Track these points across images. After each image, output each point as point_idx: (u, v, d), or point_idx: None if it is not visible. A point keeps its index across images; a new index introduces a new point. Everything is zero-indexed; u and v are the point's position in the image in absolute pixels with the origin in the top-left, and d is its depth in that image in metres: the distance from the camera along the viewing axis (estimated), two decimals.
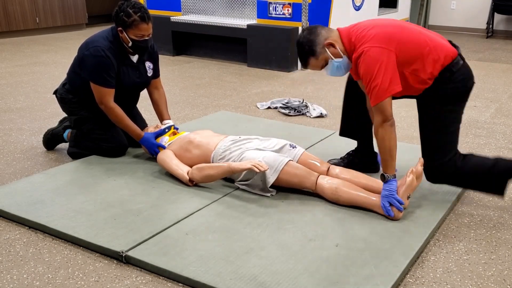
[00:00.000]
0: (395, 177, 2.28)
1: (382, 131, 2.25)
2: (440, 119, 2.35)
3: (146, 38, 2.81)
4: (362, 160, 2.77)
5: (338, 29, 2.38)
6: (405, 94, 2.37)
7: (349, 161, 2.78)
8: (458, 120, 2.39)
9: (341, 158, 2.84)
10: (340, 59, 2.34)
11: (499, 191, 2.34)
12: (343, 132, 2.81)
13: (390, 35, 2.24)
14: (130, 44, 2.80)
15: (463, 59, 2.35)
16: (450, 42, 2.38)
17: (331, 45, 2.32)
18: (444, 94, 2.31)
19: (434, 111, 2.35)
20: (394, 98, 2.33)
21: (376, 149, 2.58)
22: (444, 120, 2.35)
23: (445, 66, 2.28)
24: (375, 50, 2.20)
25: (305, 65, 2.41)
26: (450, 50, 2.31)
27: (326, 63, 2.36)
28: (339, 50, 2.33)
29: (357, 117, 2.69)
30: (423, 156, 2.41)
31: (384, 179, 2.29)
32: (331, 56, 2.33)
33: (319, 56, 2.34)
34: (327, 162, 2.71)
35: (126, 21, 2.73)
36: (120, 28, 2.77)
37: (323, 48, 2.32)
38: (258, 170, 2.38)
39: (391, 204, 2.26)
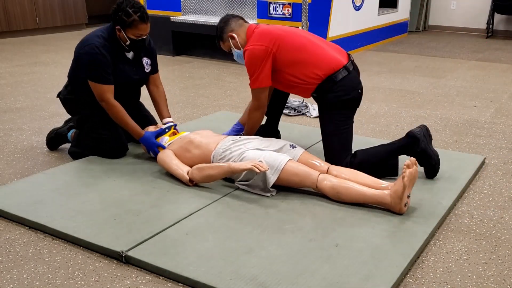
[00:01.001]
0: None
1: (255, 115, 2.81)
2: (331, 123, 2.68)
3: (144, 37, 2.83)
4: (265, 130, 3.13)
5: (248, 25, 2.79)
6: (293, 92, 2.83)
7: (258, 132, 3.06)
8: (346, 125, 2.69)
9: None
10: (238, 51, 2.81)
11: (394, 172, 2.67)
12: None
13: (277, 36, 2.64)
14: (128, 43, 2.80)
15: (349, 71, 2.65)
16: (346, 53, 2.74)
17: (232, 37, 2.77)
18: (330, 101, 2.65)
19: (326, 115, 2.71)
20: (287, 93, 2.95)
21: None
22: (334, 124, 2.67)
23: (327, 75, 2.61)
24: (256, 48, 2.63)
25: (217, 44, 2.88)
26: (335, 61, 2.63)
27: (230, 50, 2.85)
28: (238, 43, 2.77)
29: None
30: (325, 157, 2.72)
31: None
32: (233, 46, 2.81)
33: (225, 43, 2.83)
34: None
35: (125, 20, 2.73)
36: (118, 27, 2.77)
37: (227, 38, 2.79)
38: (258, 171, 2.38)
39: None
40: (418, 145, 2.58)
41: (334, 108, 2.67)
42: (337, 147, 2.68)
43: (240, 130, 3.05)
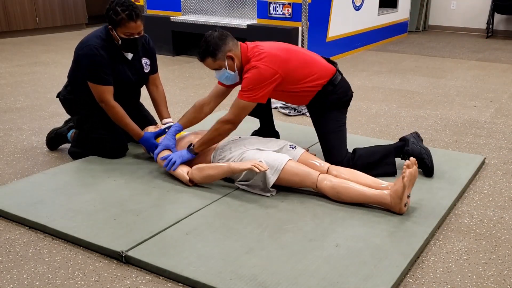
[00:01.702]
0: (194, 154, 2.68)
1: (226, 128, 2.61)
2: (332, 121, 2.73)
3: (136, 36, 2.79)
4: (263, 131, 3.10)
5: (241, 44, 2.67)
6: (295, 103, 2.93)
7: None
8: (341, 123, 2.77)
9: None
10: (232, 73, 2.64)
11: (392, 171, 2.73)
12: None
13: (282, 60, 2.59)
14: (120, 42, 2.79)
15: (341, 74, 2.78)
16: (327, 59, 2.80)
17: (231, 58, 2.61)
18: (330, 103, 2.71)
19: (326, 114, 2.73)
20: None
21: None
22: (335, 121, 2.74)
23: (327, 81, 2.68)
24: (267, 69, 2.54)
25: (201, 60, 2.66)
26: (329, 68, 2.73)
27: (219, 69, 2.65)
28: (235, 65, 2.63)
29: None
30: (324, 156, 2.75)
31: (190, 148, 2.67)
32: (227, 66, 2.63)
33: (217, 61, 2.62)
34: None
35: (114, 19, 2.72)
36: (110, 27, 2.77)
37: (223, 57, 2.60)
38: (258, 171, 2.38)
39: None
40: (408, 144, 2.72)
41: (334, 108, 2.74)
42: (337, 144, 2.73)
43: (180, 130, 2.86)
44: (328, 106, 2.73)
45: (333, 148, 2.73)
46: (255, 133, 3.15)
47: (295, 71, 2.63)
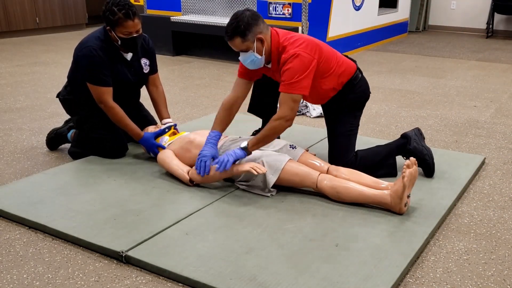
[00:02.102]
0: (248, 154, 2.50)
1: (283, 125, 2.45)
2: (345, 124, 2.68)
3: (135, 35, 2.79)
4: None
5: (271, 29, 2.53)
6: (314, 102, 2.79)
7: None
8: (356, 126, 2.73)
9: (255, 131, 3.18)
10: (259, 56, 2.49)
11: (392, 172, 2.71)
12: (251, 109, 3.08)
13: (317, 46, 2.50)
14: (119, 42, 2.79)
15: (361, 72, 2.71)
16: (347, 57, 2.70)
17: (261, 41, 2.46)
18: (348, 102, 2.66)
19: (341, 116, 2.67)
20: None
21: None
22: (347, 125, 2.68)
23: (349, 78, 2.62)
24: (307, 57, 2.43)
25: (229, 39, 2.48)
26: (351, 65, 2.66)
27: (246, 51, 2.48)
28: (263, 49, 2.47)
29: (265, 97, 2.94)
30: (329, 157, 2.72)
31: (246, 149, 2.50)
32: (255, 49, 2.46)
33: (245, 42, 2.45)
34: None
35: (111, 19, 2.72)
36: (108, 28, 2.77)
37: (253, 38, 2.44)
38: (256, 173, 2.38)
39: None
40: (410, 143, 2.69)
41: (351, 110, 2.69)
42: (345, 147, 2.68)
43: (218, 137, 2.67)
44: (345, 106, 2.66)
45: (340, 152, 2.68)
46: (256, 133, 3.13)
47: (325, 62, 2.53)
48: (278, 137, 3.04)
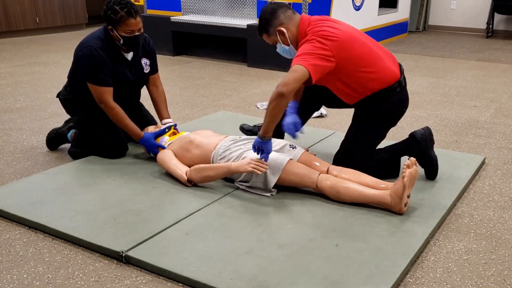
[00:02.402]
0: (269, 139, 2.41)
1: (273, 93, 2.30)
2: (371, 133, 2.62)
3: (137, 33, 2.79)
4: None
5: (302, 16, 2.54)
6: (339, 96, 2.62)
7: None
8: (380, 138, 2.68)
9: (254, 125, 3.21)
10: (286, 47, 2.56)
11: (395, 173, 2.67)
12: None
13: (341, 41, 2.40)
14: (121, 41, 2.79)
15: (401, 86, 2.56)
16: (398, 63, 2.61)
17: (281, 32, 2.52)
18: (374, 112, 2.57)
19: (368, 123, 2.61)
20: (347, 106, 2.67)
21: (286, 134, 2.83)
22: (372, 135, 2.63)
23: (382, 88, 2.50)
24: (317, 44, 2.38)
25: (260, 37, 2.65)
26: (392, 75, 2.53)
27: (276, 43, 2.60)
28: (287, 39, 2.52)
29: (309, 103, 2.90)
30: (339, 156, 2.68)
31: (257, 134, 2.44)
32: (280, 41, 2.56)
33: (270, 36, 2.58)
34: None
35: (113, 18, 2.72)
36: (110, 27, 2.77)
37: (275, 32, 2.54)
38: (259, 173, 2.38)
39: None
40: (418, 147, 2.61)
41: (381, 121, 2.61)
42: (360, 156, 2.62)
43: (293, 107, 2.73)
44: (376, 116, 2.57)
45: (352, 157, 2.61)
46: (259, 129, 3.10)
47: (353, 61, 2.44)
48: (282, 138, 2.97)
